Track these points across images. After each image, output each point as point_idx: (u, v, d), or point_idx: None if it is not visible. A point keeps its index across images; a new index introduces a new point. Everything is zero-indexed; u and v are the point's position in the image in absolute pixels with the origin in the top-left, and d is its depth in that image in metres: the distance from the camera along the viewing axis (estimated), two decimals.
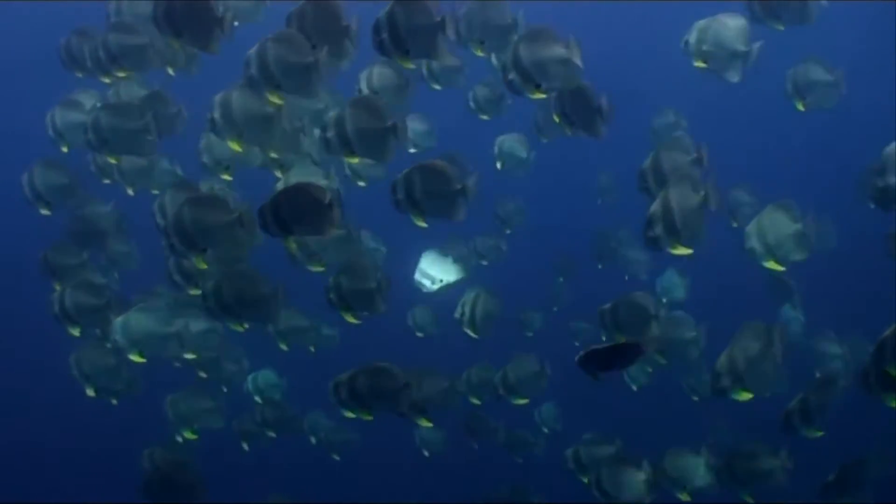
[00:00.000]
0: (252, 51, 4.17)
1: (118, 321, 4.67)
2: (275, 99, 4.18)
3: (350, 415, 4.54)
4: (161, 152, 5.19)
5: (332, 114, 4.25)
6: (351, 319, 4.74)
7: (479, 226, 6.91)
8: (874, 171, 3.88)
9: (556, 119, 4.42)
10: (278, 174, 4.87)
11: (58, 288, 5.15)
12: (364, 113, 4.19)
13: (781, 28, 4.40)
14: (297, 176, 4.69)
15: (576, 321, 7.44)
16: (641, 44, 9.25)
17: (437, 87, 5.70)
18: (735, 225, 5.58)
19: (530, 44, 3.94)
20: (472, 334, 4.52)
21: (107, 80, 5.05)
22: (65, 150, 5.14)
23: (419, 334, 7.24)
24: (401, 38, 3.97)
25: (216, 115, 4.33)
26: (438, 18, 3.93)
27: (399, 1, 3.97)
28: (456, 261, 5.60)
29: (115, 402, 5.82)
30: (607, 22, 7.77)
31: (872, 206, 3.97)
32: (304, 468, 7.59)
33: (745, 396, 3.93)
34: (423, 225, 4.44)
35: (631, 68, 8.72)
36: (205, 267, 4.49)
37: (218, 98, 4.35)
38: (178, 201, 4.47)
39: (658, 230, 3.90)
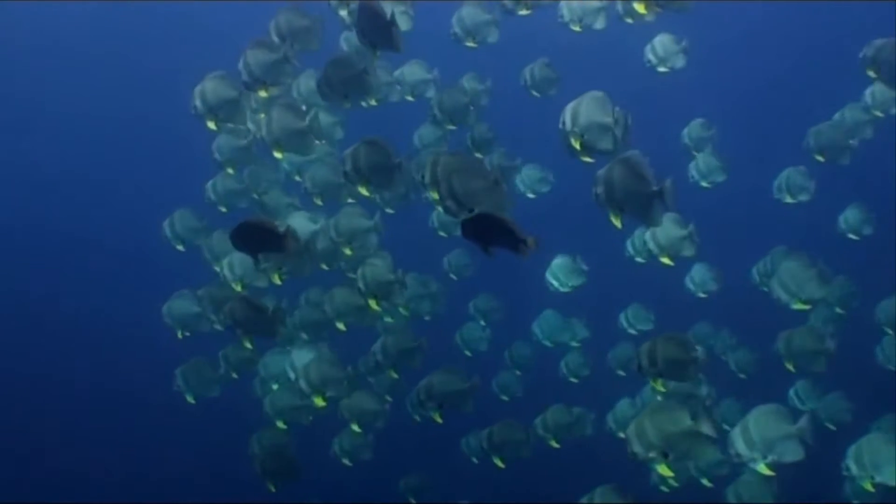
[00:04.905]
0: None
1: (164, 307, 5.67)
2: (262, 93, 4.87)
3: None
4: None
5: (261, 116, 4.94)
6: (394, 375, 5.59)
7: None
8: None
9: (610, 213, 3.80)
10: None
11: None
12: (288, 114, 4.78)
13: None
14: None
15: None
16: None
17: (536, 94, 5.88)
18: None
19: (461, 174, 3.95)
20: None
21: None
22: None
23: (573, 380, 6.81)
24: (364, 34, 4.59)
25: (348, 167, 4.65)
26: (388, 17, 4.43)
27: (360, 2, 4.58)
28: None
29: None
30: None
31: None
32: None
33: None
34: (367, 195, 4.60)
35: None
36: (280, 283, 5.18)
37: (349, 152, 4.68)
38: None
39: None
